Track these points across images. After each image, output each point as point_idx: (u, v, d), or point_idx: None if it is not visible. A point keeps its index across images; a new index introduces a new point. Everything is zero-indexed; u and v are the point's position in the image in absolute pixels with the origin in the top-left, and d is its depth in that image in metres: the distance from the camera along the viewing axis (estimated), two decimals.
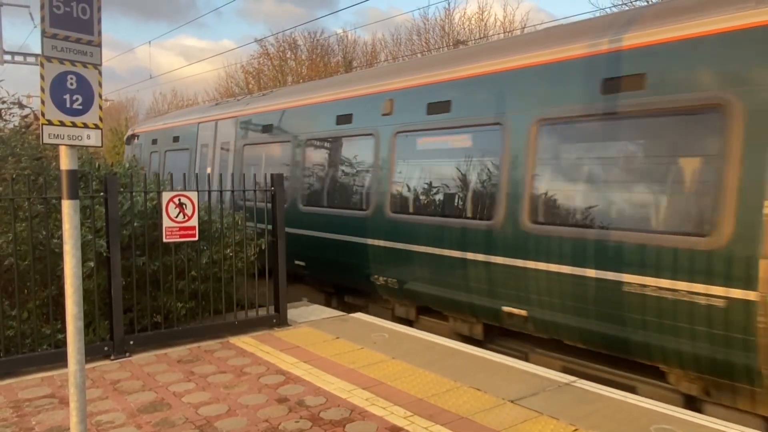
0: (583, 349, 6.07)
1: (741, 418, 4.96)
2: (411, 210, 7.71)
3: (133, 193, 6.49)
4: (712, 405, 5.23)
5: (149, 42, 59.38)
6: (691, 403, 5.35)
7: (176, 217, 6.29)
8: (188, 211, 6.35)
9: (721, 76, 4.95)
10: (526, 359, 6.58)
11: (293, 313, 7.79)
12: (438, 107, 7.40)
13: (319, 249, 8.82)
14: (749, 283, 4.62)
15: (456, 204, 7.17)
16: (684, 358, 5.14)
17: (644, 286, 5.23)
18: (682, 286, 5.00)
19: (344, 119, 8.86)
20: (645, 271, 5.24)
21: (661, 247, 5.16)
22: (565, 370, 6.08)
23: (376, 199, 8.11)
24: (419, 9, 37.21)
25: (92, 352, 5.92)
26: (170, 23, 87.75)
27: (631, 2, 16.74)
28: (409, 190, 7.83)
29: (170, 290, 6.69)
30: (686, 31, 5.25)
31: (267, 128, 10.74)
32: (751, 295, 4.60)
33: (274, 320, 7.24)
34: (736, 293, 4.70)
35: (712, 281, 4.83)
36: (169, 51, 77.88)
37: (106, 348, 6.15)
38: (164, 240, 6.32)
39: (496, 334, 7.15)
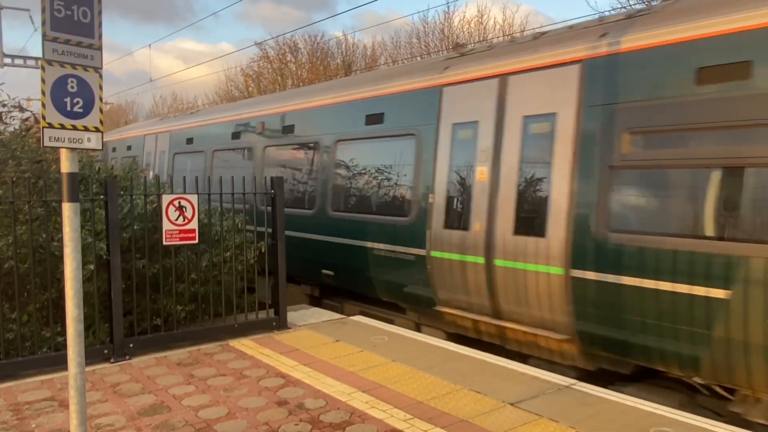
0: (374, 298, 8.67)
1: (435, 332, 7.58)
2: None
3: (133, 196, 6.50)
4: (425, 327, 7.86)
5: (149, 45, 59.17)
6: (418, 328, 7.95)
7: (176, 220, 6.29)
8: (188, 214, 6.36)
9: (414, 116, 7.82)
10: (342, 309, 9.20)
11: (293, 315, 7.80)
12: (288, 129, 10.37)
13: None
14: (424, 244, 7.43)
15: (298, 198, 9.89)
16: (406, 296, 7.88)
17: (382, 249, 8.07)
18: (398, 249, 7.83)
19: (236, 136, 11.90)
20: (381, 239, 8.07)
21: (387, 224, 7.98)
22: (363, 314, 8.52)
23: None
24: (419, 12, 37.24)
25: (92, 354, 5.92)
26: (167, 26, 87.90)
27: (629, 5, 16.77)
28: None
29: (170, 293, 6.69)
30: (402, 87, 8.18)
31: (189, 141, 13.60)
32: (423, 252, 7.46)
33: (274, 323, 7.25)
34: (419, 251, 7.52)
35: (409, 244, 7.65)
36: (167, 54, 77.88)
37: (105, 351, 6.15)
38: (164, 243, 6.33)
39: (329, 292, 9.62)
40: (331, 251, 9.01)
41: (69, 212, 3.82)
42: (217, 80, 52.43)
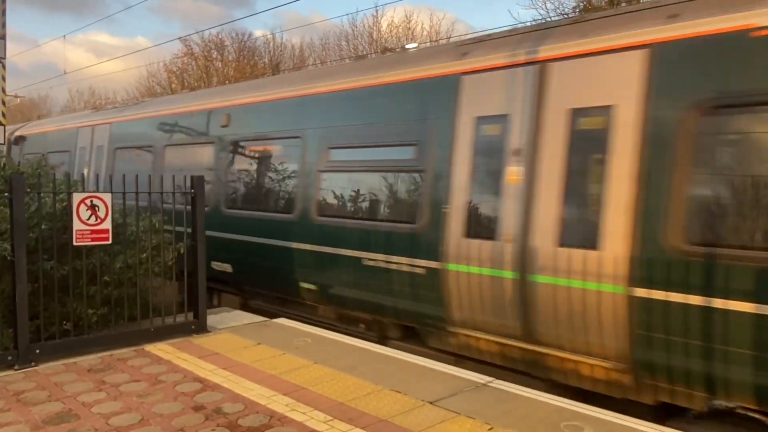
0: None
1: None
2: None
3: (41, 194, 6.17)
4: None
5: (64, 36, 56.06)
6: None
7: (88, 219, 6.02)
8: (101, 213, 6.09)
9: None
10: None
11: (213, 318, 7.61)
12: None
13: None
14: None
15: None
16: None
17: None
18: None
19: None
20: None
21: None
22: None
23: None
24: (346, 15, 37.23)
25: None
26: (75, 16, 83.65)
27: (549, 17, 17.43)
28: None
29: (81, 296, 6.39)
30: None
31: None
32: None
33: (193, 326, 7.05)
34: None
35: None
36: (78, 47, 73.76)
37: (9, 357, 5.80)
38: (74, 243, 6.04)
39: None
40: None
41: None
42: (138, 75, 50.42)
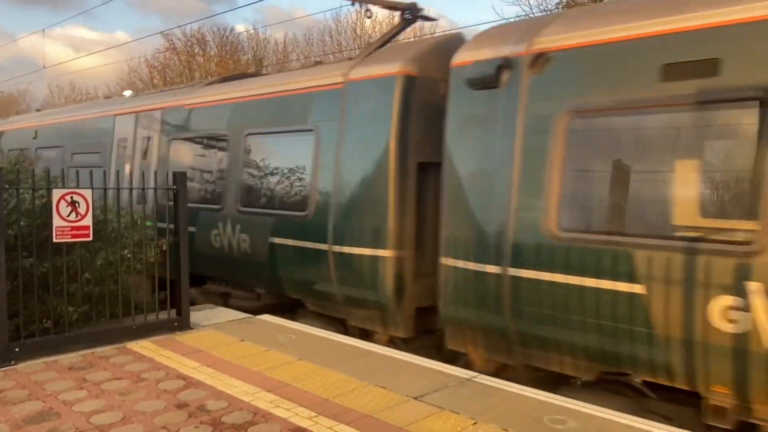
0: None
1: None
2: None
3: (20, 191, 6.08)
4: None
5: (42, 30, 54.95)
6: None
7: (68, 216, 5.94)
8: (81, 209, 6.01)
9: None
10: None
11: (197, 315, 7.56)
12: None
13: None
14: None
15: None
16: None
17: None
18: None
19: None
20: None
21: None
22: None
23: None
24: (331, 10, 36.96)
25: None
26: (51, 10, 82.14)
27: (533, 13, 17.51)
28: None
29: (61, 293, 6.30)
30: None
31: None
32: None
33: (176, 324, 6.99)
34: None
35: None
36: (56, 41, 72.14)
37: None
38: (54, 240, 5.96)
39: None
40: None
41: None
42: (119, 70, 49.62)
